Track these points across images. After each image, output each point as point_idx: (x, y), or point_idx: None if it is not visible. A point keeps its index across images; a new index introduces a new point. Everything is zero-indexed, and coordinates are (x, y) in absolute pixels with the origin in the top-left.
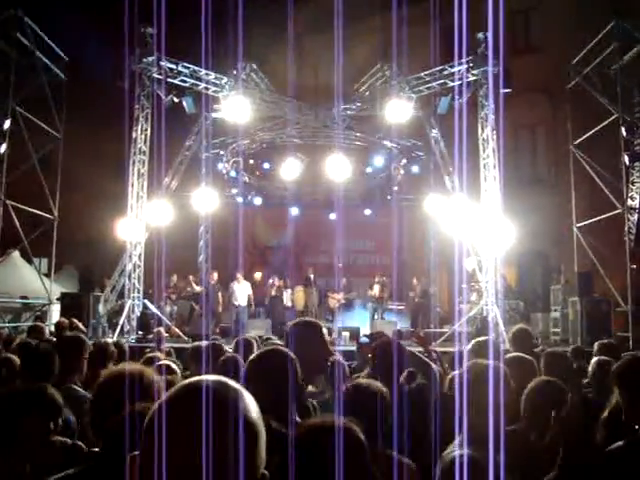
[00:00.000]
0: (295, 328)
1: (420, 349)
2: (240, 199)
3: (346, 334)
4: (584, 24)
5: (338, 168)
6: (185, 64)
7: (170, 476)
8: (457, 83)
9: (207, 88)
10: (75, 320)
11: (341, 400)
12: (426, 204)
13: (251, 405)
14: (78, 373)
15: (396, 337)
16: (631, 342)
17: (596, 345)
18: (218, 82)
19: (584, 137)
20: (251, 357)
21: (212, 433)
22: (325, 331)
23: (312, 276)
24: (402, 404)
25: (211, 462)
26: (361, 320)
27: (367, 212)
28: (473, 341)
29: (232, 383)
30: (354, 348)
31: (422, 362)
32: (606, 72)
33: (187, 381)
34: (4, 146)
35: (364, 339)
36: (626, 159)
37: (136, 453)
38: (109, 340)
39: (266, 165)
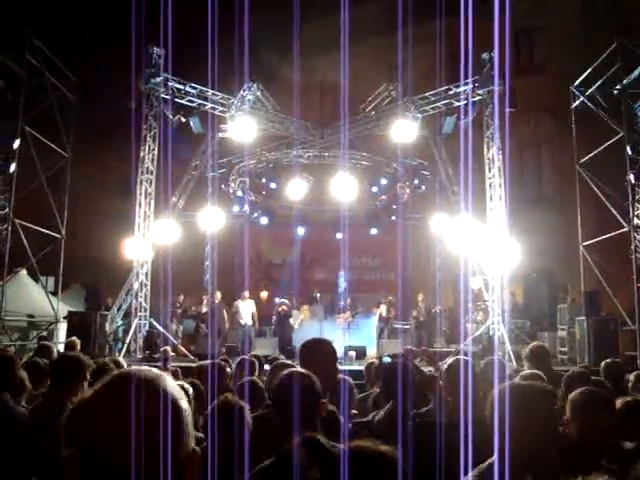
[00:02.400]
0: (309, 345)
1: (429, 368)
2: (246, 218)
3: (352, 353)
4: (588, 43)
5: (344, 187)
6: (192, 84)
7: (102, 455)
8: (462, 103)
9: (214, 108)
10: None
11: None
12: (432, 223)
13: (174, 387)
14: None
15: (409, 356)
16: (639, 361)
17: (603, 364)
18: (225, 102)
19: (589, 156)
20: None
21: (140, 413)
22: (336, 348)
23: (318, 295)
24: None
25: (140, 439)
26: (368, 339)
27: (373, 232)
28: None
29: (159, 371)
30: (361, 367)
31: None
32: (610, 91)
33: (116, 371)
34: (13, 165)
35: (387, 359)
36: (631, 177)
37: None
38: (107, 359)
39: (272, 185)
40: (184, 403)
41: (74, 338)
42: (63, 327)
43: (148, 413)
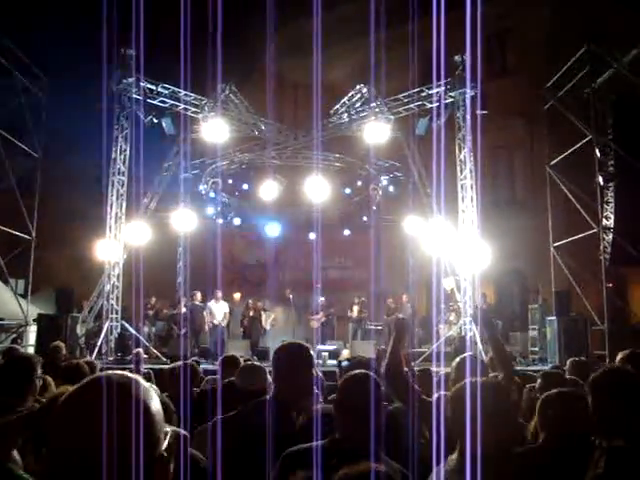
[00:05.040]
0: (283, 351)
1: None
2: (219, 219)
3: (325, 354)
4: (559, 48)
5: (317, 189)
6: (165, 85)
7: (73, 458)
8: (435, 105)
9: (186, 109)
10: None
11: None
12: (405, 224)
13: (148, 392)
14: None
15: (379, 356)
16: (608, 360)
17: (568, 363)
18: (197, 103)
19: (559, 158)
20: None
21: (113, 417)
22: (312, 353)
23: (291, 297)
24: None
25: (113, 443)
26: (341, 340)
27: (346, 232)
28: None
29: (132, 376)
30: (334, 369)
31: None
32: (580, 95)
33: (91, 376)
34: None
35: (345, 363)
36: (600, 179)
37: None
38: (82, 360)
39: (245, 186)
40: (154, 405)
41: (58, 342)
42: (33, 330)
43: (118, 417)
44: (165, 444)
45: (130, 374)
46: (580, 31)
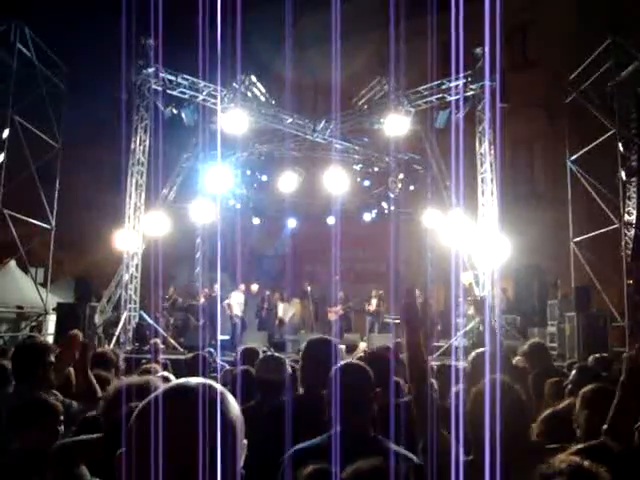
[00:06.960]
0: (312, 345)
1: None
2: (238, 206)
3: (342, 347)
4: (582, 40)
5: (336, 181)
6: (184, 76)
7: (156, 472)
8: (455, 97)
9: (206, 100)
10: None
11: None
12: (424, 218)
13: (233, 405)
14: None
15: (397, 350)
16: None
17: (591, 358)
18: (217, 94)
19: (581, 152)
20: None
21: (197, 431)
22: (340, 348)
23: (309, 289)
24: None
25: (196, 458)
26: (358, 333)
27: (365, 223)
28: (473, 353)
29: (216, 384)
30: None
31: None
32: (603, 88)
33: (173, 382)
34: (2, 155)
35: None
36: (623, 174)
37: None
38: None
39: (264, 177)
40: (237, 413)
41: (76, 331)
42: (52, 319)
43: (201, 431)
44: (243, 459)
45: (206, 379)
46: (604, 23)
